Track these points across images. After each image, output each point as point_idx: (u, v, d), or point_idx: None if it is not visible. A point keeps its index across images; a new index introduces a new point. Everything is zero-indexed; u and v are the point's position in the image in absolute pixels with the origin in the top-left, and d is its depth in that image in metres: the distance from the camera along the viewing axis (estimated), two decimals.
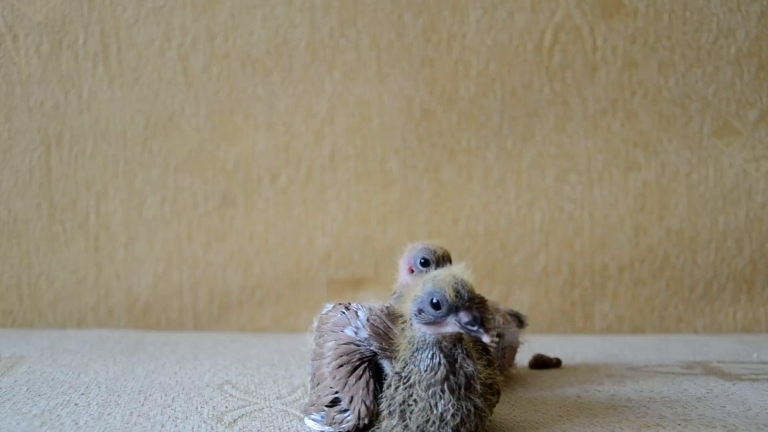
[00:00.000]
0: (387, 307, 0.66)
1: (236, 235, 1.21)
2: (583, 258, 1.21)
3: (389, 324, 0.64)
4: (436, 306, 0.59)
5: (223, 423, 0.69)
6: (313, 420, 0.66)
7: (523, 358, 0.93)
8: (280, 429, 0.68)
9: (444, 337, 0.60)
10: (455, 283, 0.60)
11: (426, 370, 0.60)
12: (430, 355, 0.60)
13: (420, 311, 0.60)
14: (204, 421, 0.69)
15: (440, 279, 0.60)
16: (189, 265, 1.21)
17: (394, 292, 0.80)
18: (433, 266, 0.76)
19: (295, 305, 1.21)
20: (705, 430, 0.66)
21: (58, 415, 0.70)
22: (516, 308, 0.93)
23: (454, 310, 0.59)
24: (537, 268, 1.21)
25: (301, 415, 0.70)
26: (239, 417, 0.71)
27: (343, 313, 0.67)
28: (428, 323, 0.60)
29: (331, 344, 0.65)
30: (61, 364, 0.93)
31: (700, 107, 1.21)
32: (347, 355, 0.63)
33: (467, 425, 0.60)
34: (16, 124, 1.19)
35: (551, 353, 0.97)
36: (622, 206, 1.21)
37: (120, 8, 1.19)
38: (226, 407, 0.74)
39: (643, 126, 1.21)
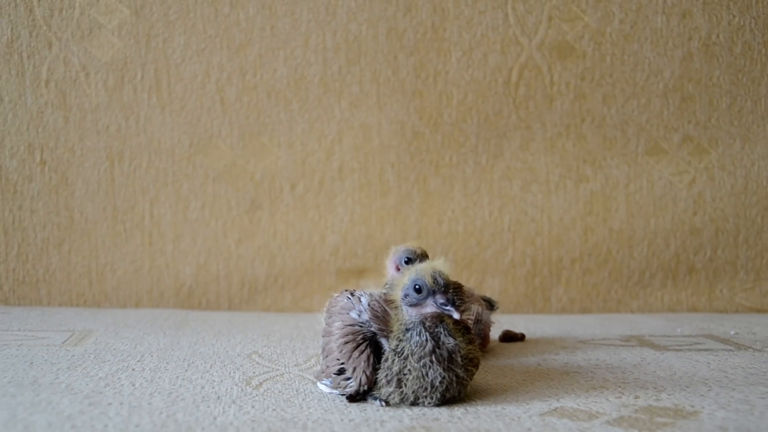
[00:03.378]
0: (385, 294, 0.66)
1: (262, 233, 1.21)
2: (543, 252, 1.21)
3: (386, 308, 0.64)
4: (418, 290, 0.60)
5: (251, 385, 0.69)
6: (323, 384, 0.66)
7: (493, 333, 0.93)
8: (297, 391, 0.67)
9: (426, 318, 0.60)
10: (433, 272, 0.60)
11: (416, 346, 0.60)
12: (418, 333, 0.60)
13: (406, 295, 0.61)
14: (236, 384, 0.69)
15: (421, 269, 0.61)
16: (224, 257, 1.20)
17: (386, 284, 0.80)
18: (416, 263, 0.77)
19: (309, 290, 1.21)
20: (640, 390, 0.66)
21: (118, 378, 0.70)
22: (488, 294, 0.93)
23: (432, 293, 0.60)
24: (505, 261, 1.21)
25: (314, 380, 0.69)
26: (264, 381, 0.71)
27: (349, 298, 0.66)
28: (412, 305, 0.60)
29: (338, 324, 0.65)
30: (122, 336, 0.92)
31: (636, 131, 1.20)
32: (352, 334, 0.63)
33: (451, 391, 0.61)
34: (87, 144, 1.19)
35: (517, 329, 0.96)
36: (574, 211, 1.21)
37: (170, 50, 1.19)
38: (254, 372, 0.74)
39: (590, 146, 1.21)
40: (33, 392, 0.64)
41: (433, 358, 0.60)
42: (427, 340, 0.60)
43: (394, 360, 0.61)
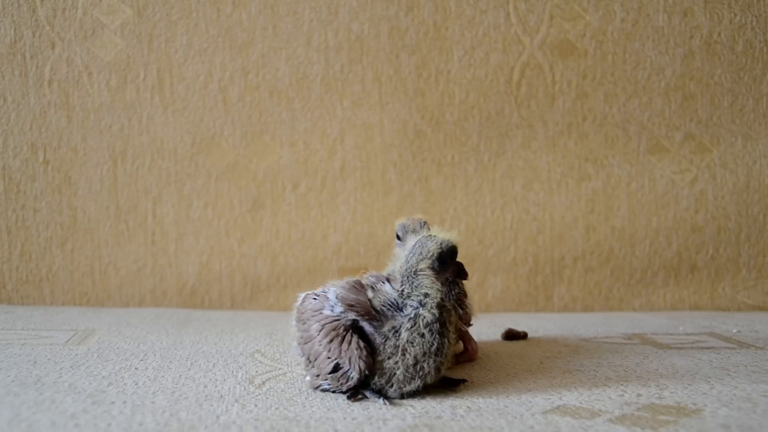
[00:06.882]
0: (347, 282, 0.66)
1: (265, 232, 1.21)
2: (545, 251, 1.21)
3: (355, 295, 0.64)
4: (445, 261, 0.63)
5: (254, 384, 0.69)
6: (323, 389, 0.65)
7: (496, 332, 0.93)
8: (300, 389, 0.67)
9: (442, 285, 0.63)
10: (454, 242, 0.65)
11: (431, 311, 0.62)
12: (434, 302, 0.62)
13: (442, 264, 0.63)
14: (238, 383, 0.69)
15: (446, 241, 0.64)
16: (227, 256, 1.20)
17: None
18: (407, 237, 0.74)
19: (312, 289, 1.20)
20: (642, 388, 0.66)
21: (122, 377, 0.70)
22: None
23: (455, 262, 0.64)
24: (507, 259, 1.21)
25: (312, 389, 0.67)
26: (267, 379, 0.71)
27: (315, 299, 0.67)
28: (442, 272, 0.63)
29: (316, 326, 0.65)
30: (125, 335, 0.92)
31: (638, 130, 1.20)
32: (333, 329, 0.63)
33: (444, 358, 0.63)
34: (90, 143, 1.19)
35: (519, 328, 0.96)
36: (576, 209, 1.21)
37: (173, 50, 1.19)
38: (257, 371, 0.74)
39: (592, 145, 1.20)
40: (36, 391, 0.64)
41: (439, 326, 0.62)
42: (437, 307, 0.62)
43: (399, 329, 0.62)
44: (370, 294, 0.64)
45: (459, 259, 0.66)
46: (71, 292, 1.20)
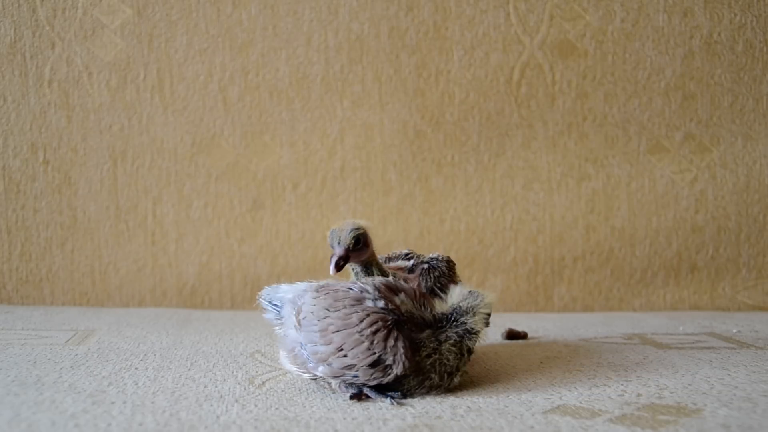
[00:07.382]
0: (381, 282, 0.66)
1: (265, 232, 1.21)
2: (545, 251, 1.21)
3: (390, 296, 0.64)
4: None
5: (253, 384, 0.69)
6: (343, 379, 0.63)
7: (496, 332, 0.93)
8: (300, 389, 0.67)
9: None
10: None
11: (473, 343, 0.67)
12: (476, 339, 0.68)
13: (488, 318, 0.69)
14: (238, 383, 0.69)
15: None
16: (227, 256, 1.20)
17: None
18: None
19: None
20: (642, 388, 0.66)
21: (122, 377, 0.70)
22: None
23: None
24: (508, 259, 1.21)
25: (331, 382, 0.65)
26: (267, 380, 0.71)
27: (351, 290, 0.65)
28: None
29: (358, 315, 0.62)
30: (125, 335, 0.92)
31: (638, 130, 1.20)
32: (380, 321, 0.62)
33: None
34: (90, 143, 1.19)
35: (519, 327, 0.96)
36: (576, 209, 1.21)
37: (173, 50, 1.19)
38: (257, 371, 0.74)
39: (592, 144, 1.20)
40: (36, 391, 0.64)
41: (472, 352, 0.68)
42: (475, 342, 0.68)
43: (442, 344, 0.65)
44: (397, 301, 0.64)
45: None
46: (71, 292, 1.20)
